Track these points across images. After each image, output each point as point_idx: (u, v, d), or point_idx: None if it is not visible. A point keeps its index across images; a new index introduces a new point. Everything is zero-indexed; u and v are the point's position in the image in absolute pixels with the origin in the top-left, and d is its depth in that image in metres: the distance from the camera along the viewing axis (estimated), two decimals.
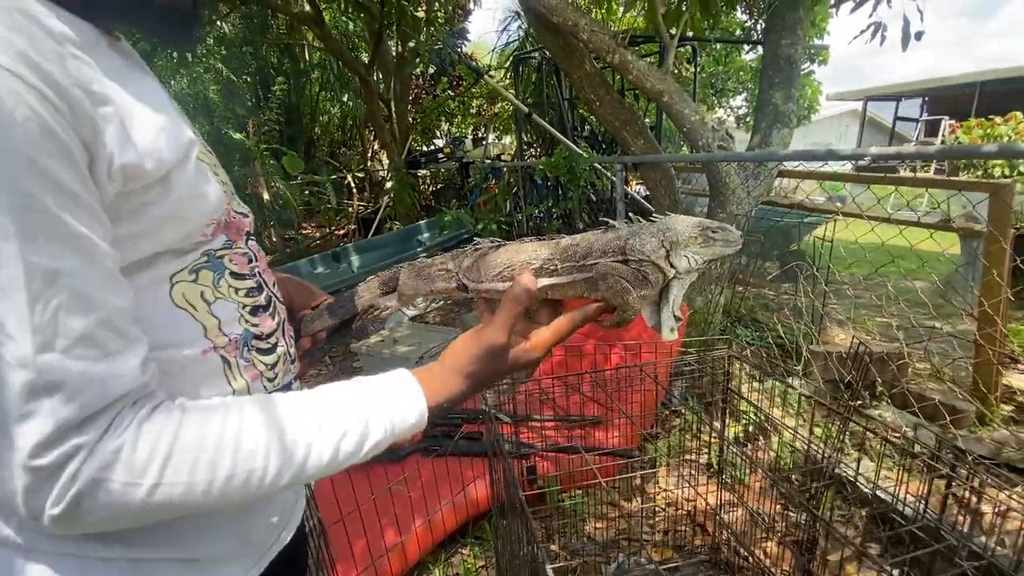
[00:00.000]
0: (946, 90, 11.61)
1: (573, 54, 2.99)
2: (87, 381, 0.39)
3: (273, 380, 0.58)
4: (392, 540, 1.64)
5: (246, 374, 0.55)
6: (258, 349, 0.57)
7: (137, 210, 0.45)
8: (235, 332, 0.54)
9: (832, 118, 18.93)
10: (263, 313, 0.58)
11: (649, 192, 3.23)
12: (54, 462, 0.38)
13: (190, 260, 0.52)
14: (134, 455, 0.40)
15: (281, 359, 0.60)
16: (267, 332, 0.58)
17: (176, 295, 0.50)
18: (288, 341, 0.63)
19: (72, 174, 0.39)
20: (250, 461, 0.44)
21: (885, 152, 1.77)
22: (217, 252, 0.54)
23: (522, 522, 1.39)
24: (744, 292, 3.35)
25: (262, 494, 0.46)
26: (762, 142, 2.77)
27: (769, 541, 1.76)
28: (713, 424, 2.19)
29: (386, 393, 0.52)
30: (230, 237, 0.57)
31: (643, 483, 2.07)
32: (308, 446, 0.47)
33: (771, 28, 2.92)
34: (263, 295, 0.59)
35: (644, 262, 0.56)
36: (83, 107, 0.40)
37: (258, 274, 0.60)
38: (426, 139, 10.21)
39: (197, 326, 0.51)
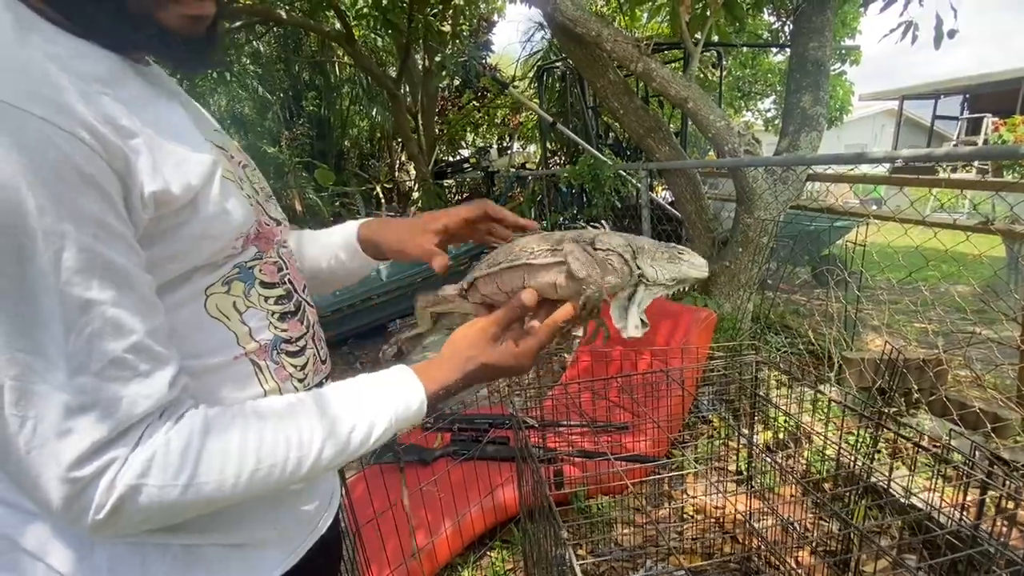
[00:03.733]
0: (988, 86, 11.16)
1: (596, 63, 3.03)
2: (118, 400, 0.43)
3: (303, 380, 0.62)
4: (423, 541, 1.68)
5: (276, 376, 0.59)
6: (287, 352, 0.61)
7: (169, 232, 0.49)
8: (265, 338, 0.58)
9: (866, 118, 18.42)
10: (292, 319, 0.62)
11: (675, 198, 3.23)
12: (92, 473, 0.41)
13: (222, 273, 0.55)
14: (167, 460, 0.44)
15: (311, 360, 0.64)
16: (296, 336, 0.62)
17: (211, 306, 0.54)
18: (318, 344, 0.67)
19: (106, 208, 0.42)
20: (272, 456, 0.49)
21: (916, 154, 1.74)
22: (248, 264, 0.58)
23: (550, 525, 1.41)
24: (774, 298, 3.30)
25: (284, 484, 0.51)
26: (790, 146, 2.74)
27: (802, 550, 1.74)
28: (742, 431, 2.17)
29: (387, 386, 0.58)
30: (260, 248, 0.60)
31: (671, 490, 2.06)
32: (323, 440, 0.52)
33: (798, 31, 2.89)
34: (292, 302, 0.63)
35: (610, 252, 0.62)
36: (114, 142, 0.43)
37: (288, 281, 0.63)
38: (452, 150, 10.38)
39: (230, 334, 0.55)
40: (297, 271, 0.68)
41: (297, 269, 0.68)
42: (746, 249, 2.71)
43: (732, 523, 1.84)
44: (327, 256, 0.81)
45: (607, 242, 0.63)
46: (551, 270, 0.64)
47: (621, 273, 0.63)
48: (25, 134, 0.39)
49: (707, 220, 2.99)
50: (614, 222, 4.06)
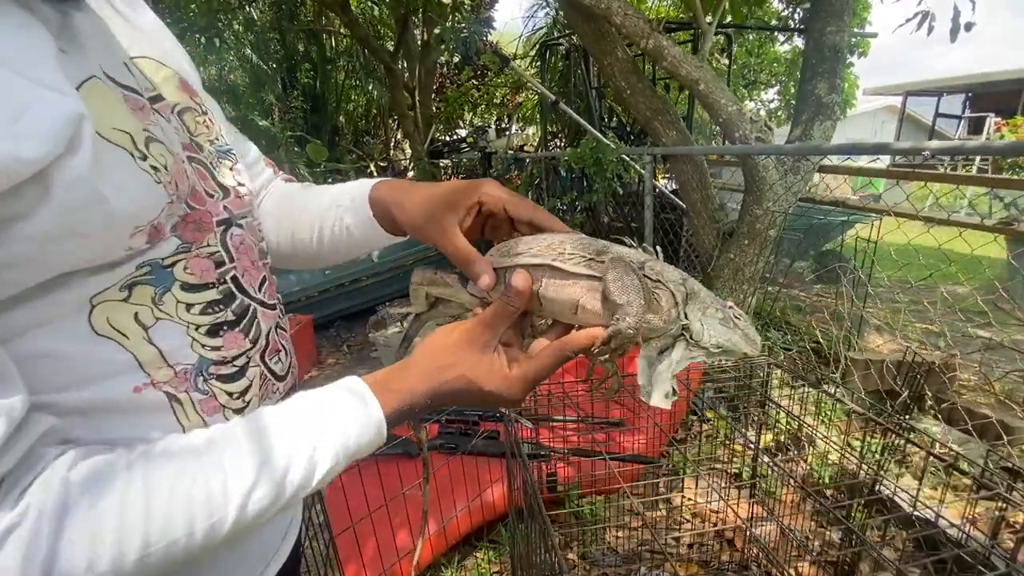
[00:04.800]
0: (990, 86, 11.07)
1: (604, 39, 2.87)
2: None
3: (242, 410, 0.48)
4: (404, 541, 1.58)
5: (202, 409, 0.45)
6: (219, 377, 0.47)
7: (2, 229, 0.33)
8: (184, 361, 0.44)
9: (867, 114, 18.28)
10: (229, 332, 0.47)
11: (679, 186, 3.10)
12: None
13: (121, 275, 0.41)
14: (4, 562, 0.31)
15: (256, 382, 0.50)
16: (234, 355, 0.48)
17: (97, 321, 0.40)
18: (269, 359, 0.52)
19: None
20: (168, 528, 0.35)
21: (945, 147, 1.62)
22: (165, 260, 0.43)
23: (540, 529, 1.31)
24: (776, 293, 3.20)
25: (196, 556, 0.38)
26: (803, 135, 2.62)
27: (802, 560, 1.66)
28: (745, 433, 2.08)
29: (334, 409, 0.43)
30: (186, 238, 0.45)
31: (667, 492, 1.98)
32: (245, 493, 0.38)
33: (815, 14, 2.75)
34: (232, 307, 0.48)
35: (660, 284, 0.48)
36: None
37: (230, 280, 0.48)
38: (449, 129, 10.14)
39: (126, 357, 0.41)
40: (258, 259, 0.53)
41: (261, 254, 0.54)
42: (752, 242, 2.60)
43: (731, 529, 1.76)
44: (329, 222, 0.62)
45: (659, 272, 0.49)
46: (579, 283, 0.49)
47: (667, 316, 0.48)
48: None
49: (713, 210, 2.88)
50: (614, 208, 3.94)
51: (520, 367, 0.48)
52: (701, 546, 1.74)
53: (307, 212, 0.64)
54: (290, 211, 0.66)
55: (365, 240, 0.62)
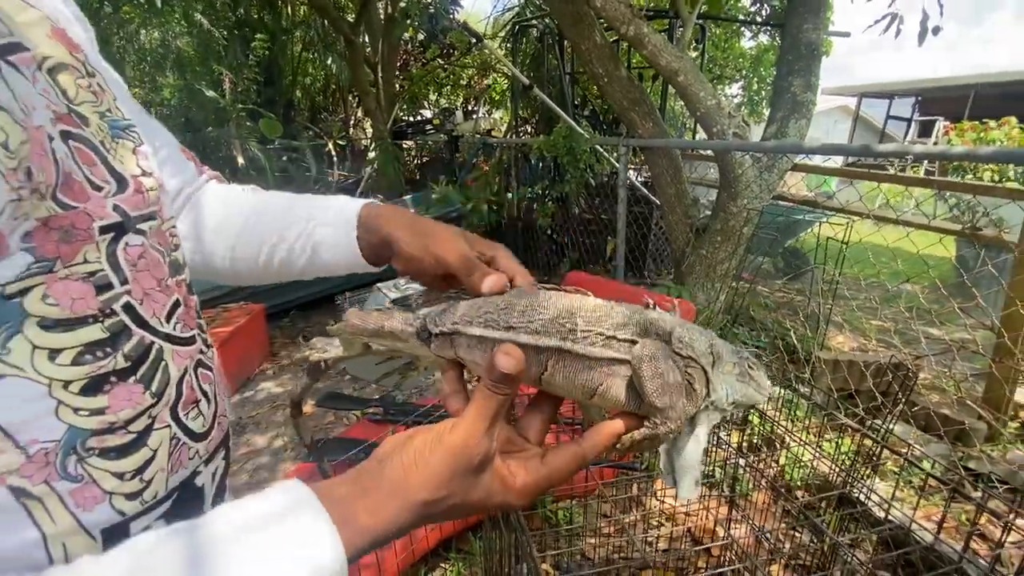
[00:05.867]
0: (939, 91, 11.64)
1: (582, 22, 2.76)
2: None
3: (139, 493, 0.36)
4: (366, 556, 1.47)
5: (76, 504, 0.32)
6: (103, 452, 0.34)
7: None
8: (44, 438, 0.31)
9: (821, 113, 18.93)
10: (120, 383, 0.35)
11: (653, 180, 3.05)
12: None
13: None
14: None
15: (162, 450, 0.37)
16: (128, 416, 0.35)
17: None
18: (187, 410, 0.40)
19: None
20: None
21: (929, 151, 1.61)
22: (6, 288, 0.30)
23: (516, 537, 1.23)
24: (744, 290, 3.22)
25: None
26: (778, 132, 2.60)
27: (775, 563, 1.65)
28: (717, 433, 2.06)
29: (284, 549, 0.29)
30: (45, 253, 0.32)
31: (640, 494, 1.94)
32: None
33: (792, 11, 2.72)
34: (124, 349, 0.35)
35: (692, 362, 0.38)
36: None
37: (123, 309, 0.36)
38: (413, 109, 9.80)
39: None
40: (167, 277, 0.40)
41: (173, 269, 0.40)
42: (727, 239, 2.58)
43: (704, 531, 1.73)
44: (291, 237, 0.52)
45: (688, 343, 0.39)
46: (598, 369, 0.39)
47: (699, 396, 0.40)
48: None
49: (687, 205, 2.84)
50: (586, 200, 3.86)
51: (528, 476, 0.37)
52: (675, 550, 1.70)
53: (261, 223, 0.53)
54: (233, 219, 0.53)
55: (331, 262, 0.52)
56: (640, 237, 3.69)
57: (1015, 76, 9.88)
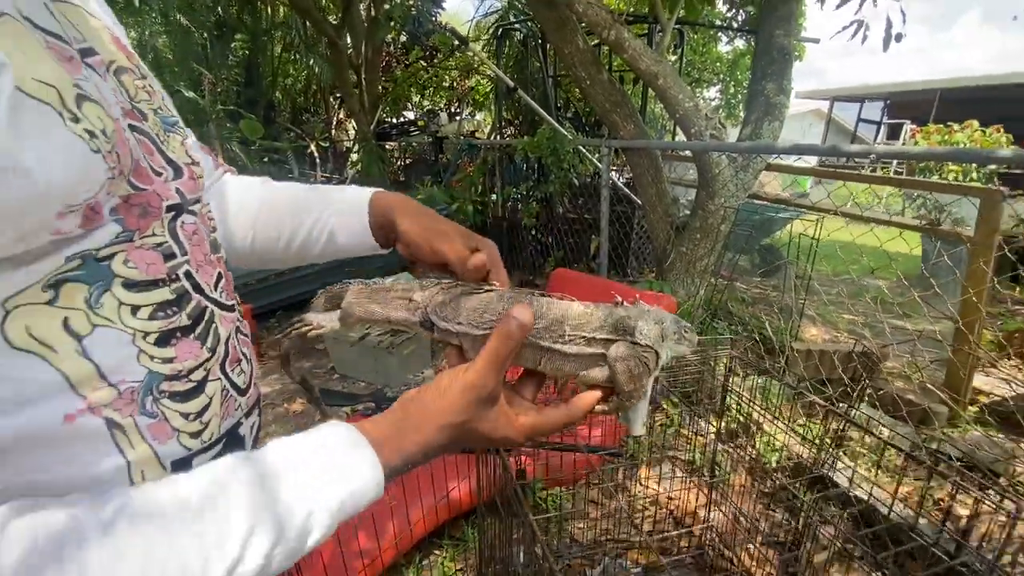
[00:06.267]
0: (907, 95, 12.04)
1: (565, 27, 2.84)
2: None
3: (200, 434, 0.42)
4: (365, 543, 1.52)
5: (151, 436, 0.38)
6: (173, 395, 0.39)
7: None
8: (130, 379, 0.37)
9: (795, 116, 19.40)
10: (183, 338, 0.40)
11: (635, 180, 3.14)
12: None
13: (43, 271, 0.33)
14: None
15: (216, 399, 0.43)
16: (191, 366, 0.41)
17: (14, 331, 0.32)
18: (233, 367, 0.46)
19: None
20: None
21: (891, 151, 1.72)
22: (100, 252, 0.35)
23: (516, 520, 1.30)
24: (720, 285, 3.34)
25: None
26: (752, 134, 2.72)
27: (751, 542, 1.74)
28: (699, 422, 2.16)
29: (328, 465, 0.36)
30: (128, 224, 0.37)
31: (625, 480, 2.02)
32: (230, 567, 0.32)
33: (766, 18, 2.85)
34: (187, 310, 0.41)
35: (648, 349, 0.51)
36: None
37: (184, 276, 0.41)
38: (395, 110, 9.81)
39: (53, 376, 0.33)
40: (210, 253, 0.45)
41: (213, 247, 0.46)
42: (705, 236, 2.68)
43: (687, 514, 1.81)
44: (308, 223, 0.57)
45: (647, 335, 0.51)
46: (580, 360, 0.50)
47: (652, 371, 0.52)
48: None
49: (667, 204, 2.94)
50: (570, 200, 3.95)
51: (529, 419, 0.46)
52: (659, 533, 1.78)
53: (277, 210, 0.59)
54: (251, 207, 0.59)
55: (346, 246, 0.58)
56: (623, 235, 3.79)
57: (977, 81, 10.29)
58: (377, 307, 0.54)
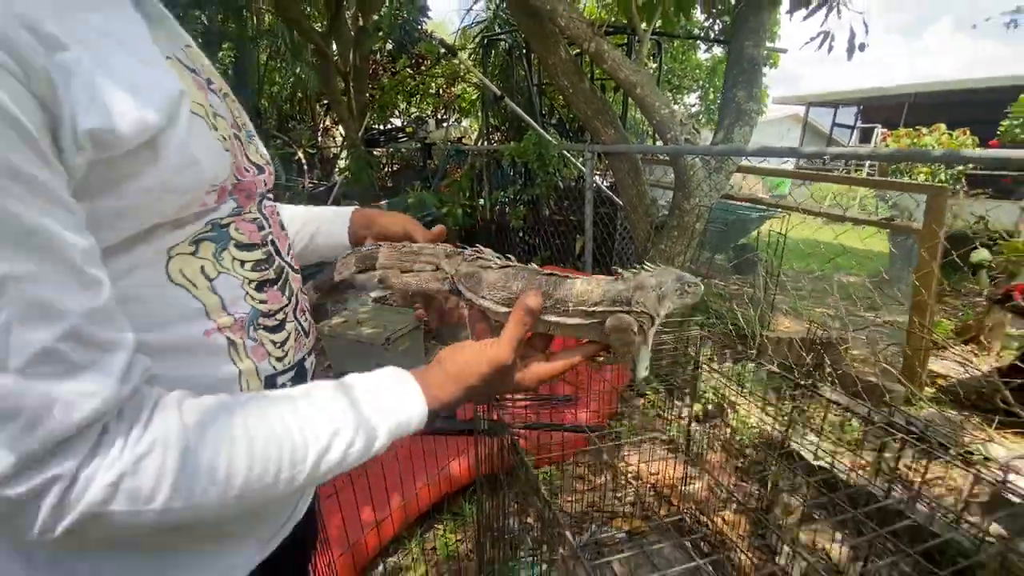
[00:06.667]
0: (879, 100, 12.47)
1: (549, 39, 3.01)
2: (50, 403, 0.33)
3: (283, 359, 0.55)
4: (369, 517, 1.65)
5: (252, 355, 0.51)
6: (266, 327, 0.53)
7: (118, 183, 0.39)
8: (241, 311, 0.50)
9: (774, 121, 19.88)
10: (271, 288, 0.54)
11: (616, 183, 3.32)
12: (27, 493, 0.33)
13: (190, 231, 0.46)
14: (137, 482, 0.36)
15: (292, 335, 0.57)
16: (276, 308, 0.54)
17: (173, 270, 0.45)
18: (301, 316, 0.60)
19: (21, 149, 0.31)
20: (263, 472, 0.42)
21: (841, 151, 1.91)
22: (223, 221, 0.49)
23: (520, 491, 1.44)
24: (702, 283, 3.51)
25: (274, 500, 0.44)
26: (725, 138, 2.90)
27: (727, 510, 1.90)
28: (676, 404, 2.32)
29: (392, 397, 0.51)
30: (240, 202, 0.51)
31: (611, 458, 2.17)
32: (320, 453, 0.45)
33: (737, 29, 3.04)
34: (273, 267, 0.55)
35: (644, 315, 0.60)
36: (33, 55, 0.32)
37: (270, 243, 0.55)
38: (383, 118, 9.94)
39: (197, 304, 0.47)
40: (281, 230, 0.60)
41: (281, 227, 0.61)
42: (682, 234, 2.86)
43: (668, 487, 1.97)
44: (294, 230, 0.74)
45: (642, 302, 0.59)
46: (584, 327, 0.61)
47: (648, 332, 0.61)
48: None
49: (647, 205, 3.11)
50: (555, 202, 4.11)
51: (539, 369, 0.60)
52: (642, 504, 1.94)
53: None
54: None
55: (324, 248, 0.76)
56: (606, 235, 3.96)
57: (945, 86, 10.74)
58: (412, 279, 0.67)
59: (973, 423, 2.31)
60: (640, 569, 1.70)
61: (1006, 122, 6.71)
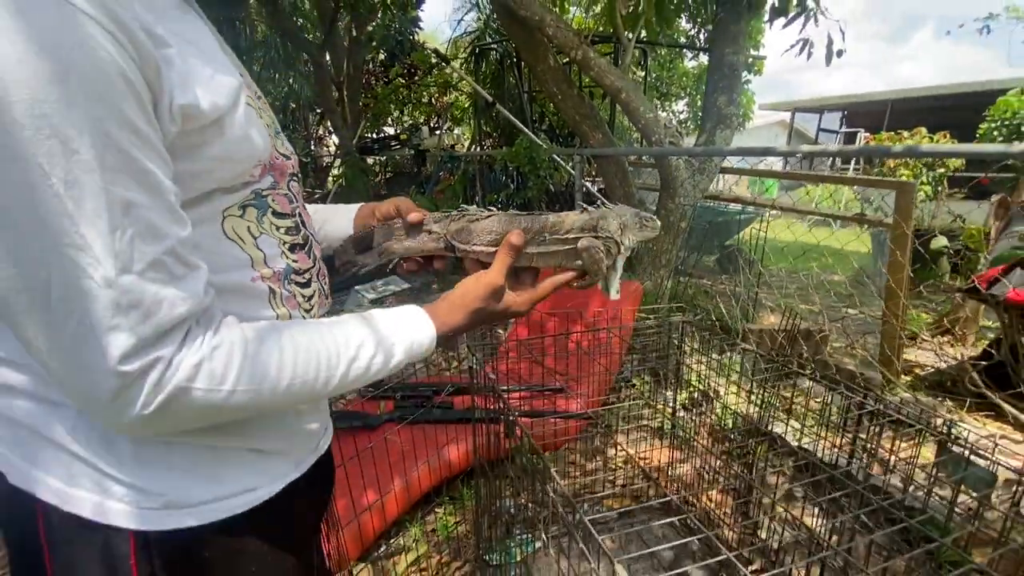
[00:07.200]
0: (863, 106, 12.76)
1: (538, 48, 3.14)
2: (159, 301, 0.43)
3: (310, 312, 0.65)
4: (372, 499, 1.73)
5: (287, 303, 0.61)
6: (297, 283, 0.63)
7: (194, 150, 0.49)
8: (278, 266, 0.60)
9: (762, 127, 20.23)
10: (300, 251, 0.64)
11: (605, 185, 3.44)
12: (138, 370, 0.43)
13: (239, 197, 0.56)
14: (213, 366, 0.46)
15: (316, 293, 0.67)
16: (304, 268, 0.64)
17: (227, 228, 0.55)
18: (322, 279, 0.71)
19: (141, 115, 0.42)
20: (305, 372, 0.53)
21: (814, 150, 2.03)
22: (264, 191, 0.59)
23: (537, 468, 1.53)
24: (687, 282, 3.64)
25: (314, 397, 0.55)
26: (707, 141, 3.04)
27: (712, 490, 2.00)
28: (664, 393, 2.42)
29: (404, 321, 0.62)
30: (275, 178, 0.61)
31: (602, 445, 2.26)
32: (349, 361, 0.56)
33: (717, 37, 3.18)
34: (301, 235, 0.65)
35: (609, 239, 0.71)
36: (148, 49, 0.43)
37: (298, 214, 0.65)
38: (376, 126, 10.06)
39: (246, 256, 0.57)
40: (305, 207, 0.70)
41: (303, 205, 0.71)
42: (667, 232, 2.98)
43: (656, 471, 2.07)
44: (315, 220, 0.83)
45: (607, 230, 0.71)
46: (560, 253, 0.72)
47: (614, 254, 0.72)
48: (75, 30, 0.39)
49: (634, 206, 3.23)
50: (547, 204, 4.23)
51: (528, 294, 0.72)
52: (632, 486, 2.03)
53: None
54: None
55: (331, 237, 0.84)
56: None
57: (926, 91, 11.03)
58: (411, 243, 0.78)
59: (946, 406, 2.43)
60: (630, 545, 1.79)
61: (984, 125, 6.93)
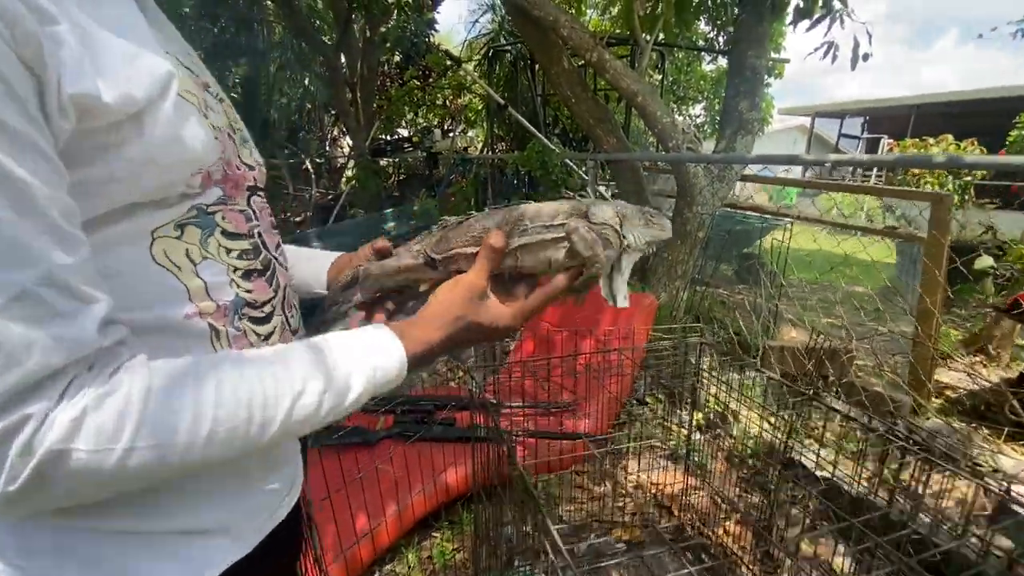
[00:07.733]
0: (886, 111, 12.44)
1: (552, 50, 3.04)
2: (28, 344, 0.34)
3: None
4: (364, 525, 1.63)
5: (235, 344, 0.51)
6: (251, 318, 0.53)
7: (104, 152, 0.41)
8: (225, 298, 0.50)
9: (781, 132, 19.89)
10: (258, 278, 0.54)
11: (619, 191, 3.32)
12: (1, 431, 0.34)
13: (175, 214, 0.47)
14: (100, 420, 0.36)
15: (278, 329, 0.57)
16: (262, 300, 0.55)
17: (157, 252, 0.46)
18: (287, 311, 0.60)
19: (10, 105, 0.34)
20: (234, 415, 0.41)
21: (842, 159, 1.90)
22: (209, 207, 0.50)
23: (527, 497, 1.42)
24: (704, 292, 3.50)
25: (251, 449, 0.44)
26: (727, 147, 2.91)
27: (729, 520, 1.87)
28: (679, 414, 2.30)
29: (364, 345, 0.51)
30: (227, 192, 0.52)
31: (612, 468, 2.14)
32: (294, 397, 0.45)
33: (738, 39, 3.06)
34: (260, 258, 0.55)
35: (604, 225, 0.61)
36: (25, 24, 0.34)
37: (257, 235, 0.56)
38: (390, 128, 10.04)
39: (179, 287, 0.47)
40: (272, 228, 0.60)
41: (272, 225, 0.61)
42: (684, 242, 2.85)
43: (669, 498, 1.94)
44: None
45: (601, 216, 0.61)
46: (548, 246, 0.61)
47: (614, 246, 0.62)
48: None
49: None
50: None
51: (517, 306, 0.61)
52: (643, 514, 1.91)
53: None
54: None
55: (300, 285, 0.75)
56: None
57: (952, 96, 10.70)
58: (389, 260, 0.68)
59: (982, 434, 2.27)
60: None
61: (1015, 132, 6.68)
